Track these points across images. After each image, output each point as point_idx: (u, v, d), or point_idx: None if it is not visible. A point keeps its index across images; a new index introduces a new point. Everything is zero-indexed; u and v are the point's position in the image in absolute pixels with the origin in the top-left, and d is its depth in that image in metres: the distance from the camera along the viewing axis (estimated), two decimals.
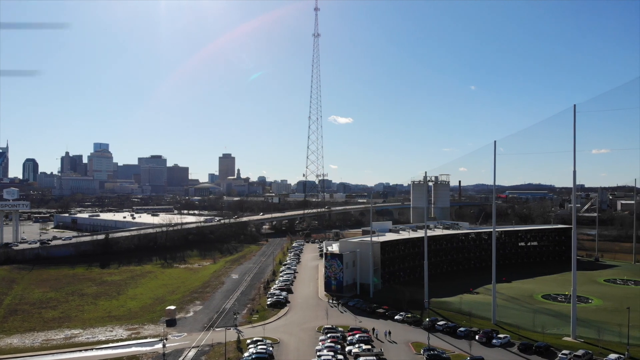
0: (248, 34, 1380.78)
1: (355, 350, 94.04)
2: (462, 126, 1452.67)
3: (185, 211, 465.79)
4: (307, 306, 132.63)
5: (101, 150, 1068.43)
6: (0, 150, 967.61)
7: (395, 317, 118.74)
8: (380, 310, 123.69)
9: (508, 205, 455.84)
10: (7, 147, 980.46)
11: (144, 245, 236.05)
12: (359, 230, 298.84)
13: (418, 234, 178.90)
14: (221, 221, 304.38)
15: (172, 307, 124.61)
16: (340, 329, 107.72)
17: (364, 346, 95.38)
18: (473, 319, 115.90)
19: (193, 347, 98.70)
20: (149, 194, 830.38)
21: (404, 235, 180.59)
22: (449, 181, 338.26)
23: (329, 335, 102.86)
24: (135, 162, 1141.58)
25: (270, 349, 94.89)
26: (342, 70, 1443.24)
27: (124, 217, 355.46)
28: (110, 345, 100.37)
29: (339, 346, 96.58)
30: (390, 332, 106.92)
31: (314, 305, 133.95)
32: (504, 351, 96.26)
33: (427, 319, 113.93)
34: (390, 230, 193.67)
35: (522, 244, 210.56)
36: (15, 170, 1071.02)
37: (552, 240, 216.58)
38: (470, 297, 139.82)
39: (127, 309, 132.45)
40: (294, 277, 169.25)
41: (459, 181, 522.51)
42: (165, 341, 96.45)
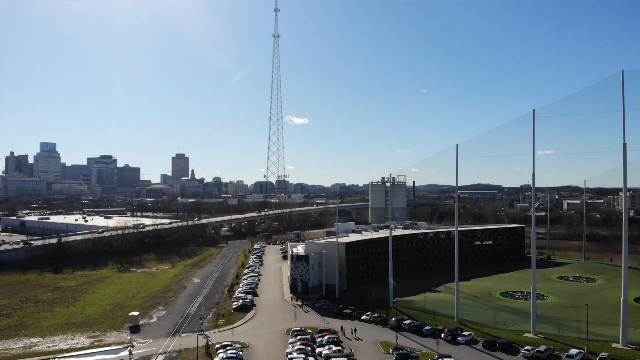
0: (202, 32, 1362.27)
1: (325, 351, 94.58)
2: (414, 128, 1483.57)
3: (139, 213, 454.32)
4: (274, 309, 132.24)
5: (48, 150, 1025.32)
6: None
7: (362, 317, 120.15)
8: (347, 311, 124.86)
9: (461, 205, 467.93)
10: None
11: (99, 249, 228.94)
12: (320, 231, 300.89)
13: (381, 234, 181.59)
14: (178, 223, 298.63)
15: (136, 313, 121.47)
16: (309, 331, 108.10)
17: (334, 347, 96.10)
18: (437, 317, 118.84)
19: (160, 354, 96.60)
20: (100, 195, 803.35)
21: (367, 235, 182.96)
22: (405, 182, 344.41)
23: (298, 337, 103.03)
24: (84, 163, 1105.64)
25: (240, 353, 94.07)
26: (298, 71, 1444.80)
27: (76, 220, 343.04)
28: (73, 354, 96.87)
29: (309, 348, 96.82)
30: (356, 330, 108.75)
31: (280, 307, 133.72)
32: (469, 348, 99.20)
33: (394, 319, 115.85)
34: (353, 231, 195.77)
35: (478, 243, 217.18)
36: None
37: (506, 239, 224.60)
38: (434, 296, 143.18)
39: (86, 316, 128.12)
40: (259, 280, 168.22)
41: (413, 182, 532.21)
42: (131, 348, 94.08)
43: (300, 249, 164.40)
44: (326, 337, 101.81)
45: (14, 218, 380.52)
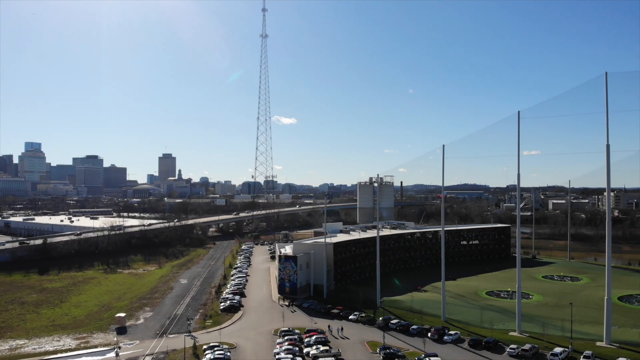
0: (190, 31, 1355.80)
1: (313, 351, 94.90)
2: (402, 128, 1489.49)
3: (125, 214, 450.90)
4: (262, 309, 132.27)
5: (33, 150, 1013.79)
6: None
7: (350, 317, 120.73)
8: (334, 311, 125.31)
9: (447, 205, 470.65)
10: None
11: (84, 250, 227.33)
12: (308, 231, 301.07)
13: (368, 234, 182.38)
14: (165, 224, 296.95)
15: (122, 315, 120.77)
16: (297, 331, 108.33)
17: (321, 347, 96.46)
18: (424, 316, 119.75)
19: (147, 355, 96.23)
20: (85, 196, 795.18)
21: (355, 235, 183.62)
22: (392, 182, 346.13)
23: (286, 337, 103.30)
24: (70, 163, 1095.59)
25: (228, 354, 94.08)
26: (286, 71, 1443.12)
27: (62, 221, 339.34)
28: (59, 355, 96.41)
29: (297, 348, 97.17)
30: (342, 329, 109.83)
31: (268, 308, 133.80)
32: (455, 347, 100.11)
33: (381, 318, 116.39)
34: (341, 231, 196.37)
35: (464, 242, 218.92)
36: None
37: (492, 239, 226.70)
38: (420, 295, 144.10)
39: (72, 317, 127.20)
40: (246, 281, 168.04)
41: (401, 182, 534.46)
42: (118, 350, 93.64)
43: (288, 250, 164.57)
44: (314, 337, 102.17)
45: None
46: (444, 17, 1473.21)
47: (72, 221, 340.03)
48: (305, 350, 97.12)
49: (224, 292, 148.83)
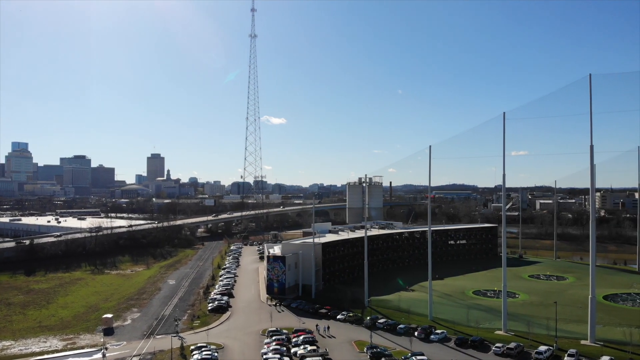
0: (179, 30, 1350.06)
1: (300, 351, 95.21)
2: (391, 129, 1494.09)
3: (113, 214, 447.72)
4: (250, 310, 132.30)
5: (20, 150, 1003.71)
6: None
7: (338, 317, 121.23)
8: (322, 311, 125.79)
9: (436, 205, 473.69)
10: None
11: (72, 250, 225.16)
12: (298, 231, 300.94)
13: (357, 234, 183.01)
14: (153, 224, 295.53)
15: (109, 315, 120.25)
16: (284, 331, 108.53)
17: (309, 347, 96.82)
18: (411, 315, 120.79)
19: (134, 356, 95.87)
20: (73, 196, 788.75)
21: (344, 235, 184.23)
22: (381, 182, 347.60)
23: (273, 337, 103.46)
24: (57, 163, 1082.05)
25: (215, 354, 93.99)
26: (276, 71, 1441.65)
27: (49, 222, 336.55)
28: (46, 356, 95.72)
29: (285, 348, 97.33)
30: (329, 327, 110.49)
31: (256, 308, 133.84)
32: (441, 346, 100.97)
33: (368, 318, 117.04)
34: (330, 231, 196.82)
35: (452, 242, 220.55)
36: None
37: (479, 239, 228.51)
38: (408, 295, 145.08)
39: (59, 319, 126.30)
40: (235, 281, 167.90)
41: (390, 182, 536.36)
42: (105, 351, 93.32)
43: (276, 250, 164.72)
44: (302, 337, 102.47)
45: None
46: (434, 18, 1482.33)
47: (60, 222, 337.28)
48: (292, 350, 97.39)
49: (212, 293, 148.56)
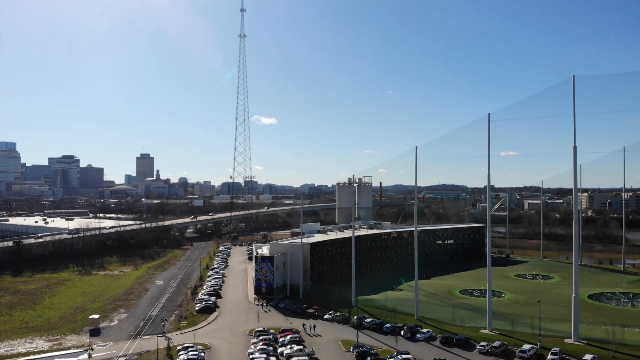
0: (169, 30, 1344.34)
1: (287, 351, 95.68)
2: (382, 129, 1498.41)
3: (102, 215, 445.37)
4: (238, 310, 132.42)
5: (7, 150, 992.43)
6: None
7: (325, 317, 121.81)
8: (310, 311, 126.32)
9: (425, 205, 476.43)
10: None
11: (59, 251, 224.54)
12: (287, 231, 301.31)
13: (345, 235, 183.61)
14: (142, 225, 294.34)
15: (96, 316, 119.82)
16: (271, 331, 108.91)
17: (295, 347, 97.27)
18: (398, 315, 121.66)
19: (120, 357, 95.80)
20: (61, 196, 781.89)
21: (332, 235, 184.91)
22: (371, 182, 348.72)
23: (260, 337, 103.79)
24: (46, 163, 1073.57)
25: (202, 354, 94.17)
26: (266, 71, 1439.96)
27: (36, 222, 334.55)
28: (32, 357, 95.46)
29: (271, 348, 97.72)
30: (315, 327, 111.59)
31: (244, 308, 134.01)
32: (427, 345, 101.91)
33: (355, 317, 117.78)
34: (318, 231, 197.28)
35: (440, 242, 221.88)
36: None
37: (467, 238, 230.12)
38: (395, 294, 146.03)
39: (46, 319, 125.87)
40: (223, 282, 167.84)
41: (380, 182, 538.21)
42: (91, 351, 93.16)
43: (265, 250, 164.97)
44: (288, 337, 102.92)
45: None
46: (424, 19, 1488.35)
47: (47, 222, 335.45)
48: (279, 349, 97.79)
49: (200, 293, 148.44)
